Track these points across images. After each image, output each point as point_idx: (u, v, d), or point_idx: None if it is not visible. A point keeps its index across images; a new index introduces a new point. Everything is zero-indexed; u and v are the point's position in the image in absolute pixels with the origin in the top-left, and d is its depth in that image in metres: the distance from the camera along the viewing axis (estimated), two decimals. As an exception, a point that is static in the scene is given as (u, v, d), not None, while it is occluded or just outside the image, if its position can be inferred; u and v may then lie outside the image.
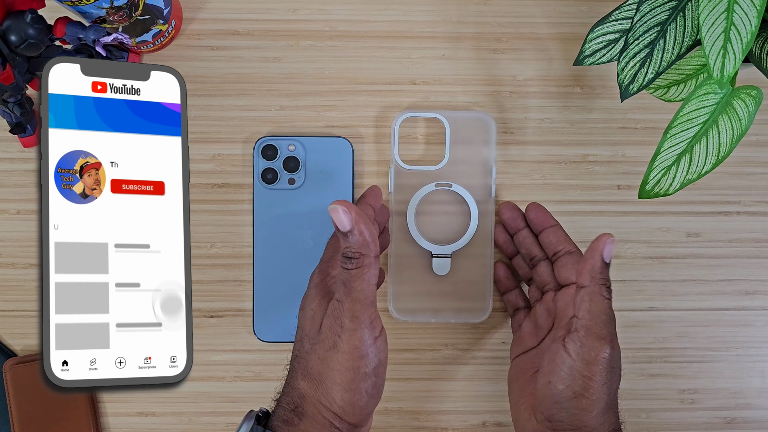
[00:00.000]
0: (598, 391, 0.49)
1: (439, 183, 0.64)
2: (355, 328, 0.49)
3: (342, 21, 0.70)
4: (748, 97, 0.51)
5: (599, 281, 0.51)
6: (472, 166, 0.65)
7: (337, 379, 0.50)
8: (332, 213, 0.50)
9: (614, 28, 0.57)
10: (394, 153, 0.64)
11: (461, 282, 0.66)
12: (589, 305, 0.50)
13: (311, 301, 0.53)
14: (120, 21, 0.60)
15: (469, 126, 0.65)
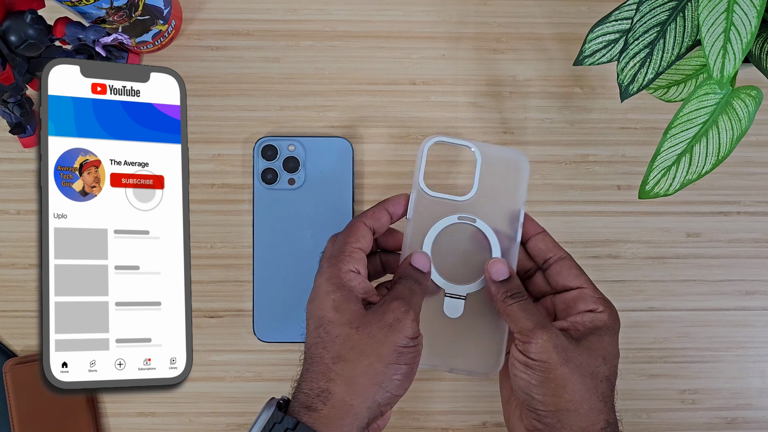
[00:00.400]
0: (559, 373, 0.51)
1: (463, 216, 0.58)
2: (414, 319, 0.52)
3: (342, 21, 0.70)
4: (748, 98, 0.51)
5: (500, 298, 0.55)
6: (500, 205, 0.59)
7: (385, 357, 0.50)
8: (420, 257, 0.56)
9: (614, 28, 0.57)
10: (418, 178, 0.58)
11: (472, 329, 0.58)
12: (508, 318, 0.54)
13: (330, 294, 0.53)
14: (120, 21, 0.60)
15: (502, 163, 0.59)
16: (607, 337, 0.54)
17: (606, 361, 0.53)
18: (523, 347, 0.52)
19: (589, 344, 0.53)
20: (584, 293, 0.55)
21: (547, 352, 0.51)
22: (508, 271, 0.56)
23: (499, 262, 0.56)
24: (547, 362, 0.51)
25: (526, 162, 0.59)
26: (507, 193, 0.59)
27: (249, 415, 0.69)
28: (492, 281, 0.56)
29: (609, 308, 0.55)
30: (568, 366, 0.51)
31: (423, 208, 0.58)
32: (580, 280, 0.56)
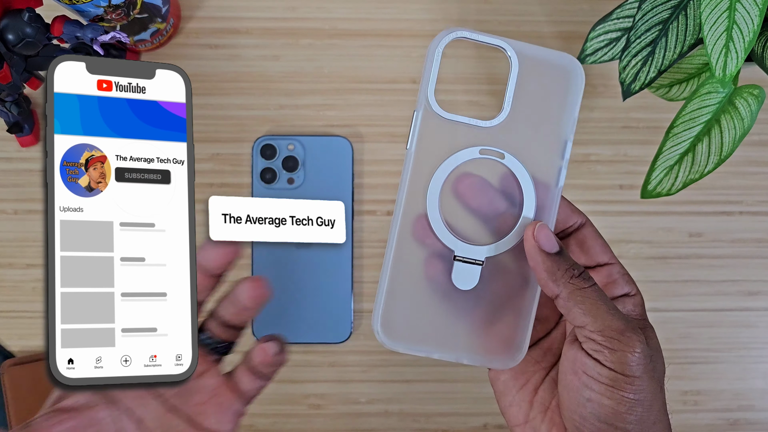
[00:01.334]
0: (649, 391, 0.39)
1: (487, 149, 0.42)
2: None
3: (341, 19, 0.70)
4: (750, 96, 0.51)
5: (564, 278, 0.40)
6: (540, 135, 0.43)
7: None
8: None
9: (616, 26, 0.57)
10: (427, 90, 0.42)
11: (491, 304, 0.43)
12: (581, 308, 0.40)
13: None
14: (118, 19, 0.60)
15: (545, 73, 0.43)
16: (653, 328, 0.43)
17: (664, 361, 0.42)
18: (605, 355, 0.38)
19: (653, 344, 0.41)
20: (613, 271, 0.44)
21: (641, 363, 0.38)
22: (556, 239, 0.41)
23: (545, 227, 0.41)
24: (637, 377, 0.38)
25: (581, 71, 0.44)
26: (551, 118, 0.43)
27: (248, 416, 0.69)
28: (541, 253, 0.40)
29: (637, 287, 0.45)
30: (654, 379, 0.39)
31: (431, 135, 0.42)
32: (607, 252, 0.45)
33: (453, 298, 0.43)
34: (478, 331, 0.43)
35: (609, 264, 0.44)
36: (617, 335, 0.38)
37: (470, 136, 0.42)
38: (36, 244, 0.69)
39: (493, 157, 0.42)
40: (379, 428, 0.70)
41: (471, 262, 0.42)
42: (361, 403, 0.70)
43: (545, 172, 0.43)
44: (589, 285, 0.40)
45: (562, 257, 0.40)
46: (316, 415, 0.70)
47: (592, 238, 0.45)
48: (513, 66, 0.43)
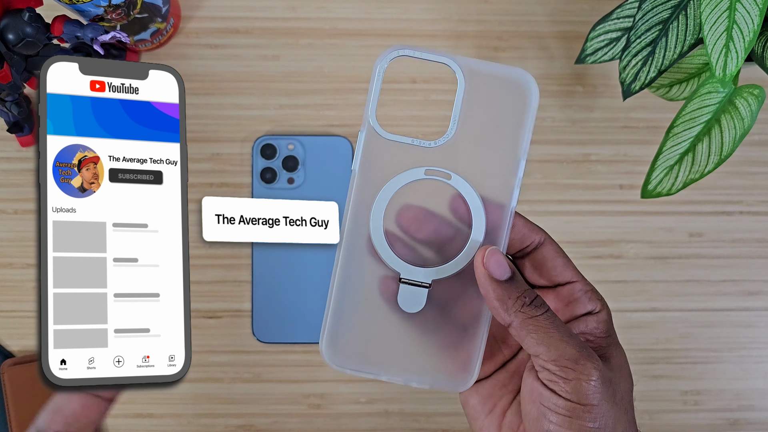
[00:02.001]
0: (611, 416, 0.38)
1: (432, 169, 0.41)
2: None
3: (341, 19, 0.70)
4: (750, 96, 0.51)
5: (515, 307, 0.38)
6: (490, 154, 0.41)
7: None
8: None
9: (616, 26, 0.57)
10: (369, 110, 0.42)
11: (440, 327, 0.42)
12: (533, 338, 0.38)
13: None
14: (118, 19, 0.60)
15: (495, 89, 0.41)
16: (619, 343, 0.42)
17: (630, 377, 0.41)
18: (560, 386, 0.37)
19: (617, 362, 0.40)
20: (575, 289, 0.42)
21: (598, 391, 0.37)
22: (507, 264, 0.39)
23: (496, 252, 0.39)
24: (596, 405, 0.37)
25: (535, 87, 0.41)
26: (501, 136, 0.41)
27: (247, 416, 0.69)
28: (491, 281, 0.39)
29: (602, 302, 0.42)
30: (616, 403, 0.38)
31: (375, 157, 0.41)
32: (569, 270, 0.42)
33: (400, 321, 0.41)
34: (427, 354, 0.42)
35: (570, 282, 0.42)
36: (571, 364, 0.37)
37: (416, 156, 0.41)
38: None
39: (439, 178, 0.41)
40: (380, 428, 0.70)
41: (417, 285, 0.41)
42: (361, 403, 0.70)
43: (497, 192, 0.41)
44: (541, 312, 0.38)
45: (513, 284, 0.39)
46: (316, 415, 0.70)
47: (551, 258, 0.42)
48: (459, 83, 0.41)
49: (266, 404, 0.69)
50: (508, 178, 0.41)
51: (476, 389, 0.43)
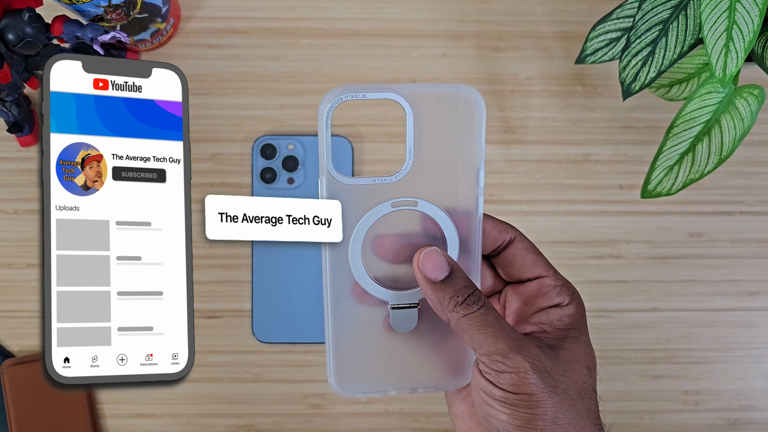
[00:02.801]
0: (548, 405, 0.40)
1: (398, 201, 0.42)
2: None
3: (341, 19, 0.70)
4: (750, 96, 0.51)
5: (449, 307, 0.40)
6: (449, 171, 0.43)
7: None
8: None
9: (616, 26, 0.57)
10: (324, 159, 0.42)
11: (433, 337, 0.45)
12: (467, 336, 0.40)
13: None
14: (118, 19, 0.60)
15: (441, 109, 0.42)
16: (583, 336, 0.43)
17: (591, 371, 0.43)
18: (495, 377, 0.39)
19: (570, 354, 0.42)
20: (544, 283, 0.44)
21: (532, 381, 0.39)
22: (446, 264, 0.41)
23: (432, 254, 0.41)
24: (533, 395, 0.39)
25: (478, 98, 0.42)
26: (456, 151, 0.43)
27: (248, 416, 0.69)
28: (428, 283, 0.41)
29: (573, 296, 0.43)
30: (558, 393, 0.40)
31: (342, 202, 0.42)
32: (538, 266, 0.44)
33: (397, 340, 0.44)
34: (427, 362, 0.45)
35: (540, 277, 0.44)
36: (501, 358, 0.39)
37: (380, 192, 0.42)
38: (36, 243, 0.69)
39: (406, 207, 0.42)
40: (380, 428, 0.70)
41: (407, 307, 0.43)
42: (361, 403, 0.70)
43: (463, 204, 0.43)
44: (474, 309, 0.40)
45: (448, 284, 0.40)
46: (316, 415, 0.70)
47: (521, 255, 0.44)
48: (408, 113, 0.42)
49: (266, 404, 0.69)
50: (471, 188, 0.43)
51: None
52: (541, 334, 0.43)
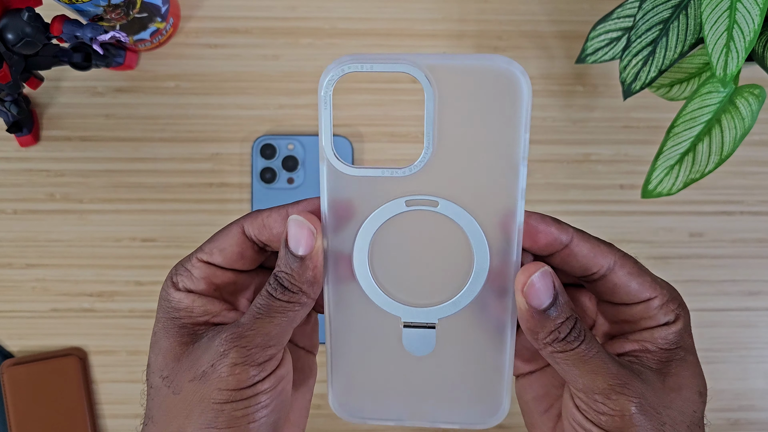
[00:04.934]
0: None
1: (414, 199, 0.34)
2: (243, 362, 0.33)
3: (341, 19, 0.70)
4: (751, 96, 0.51)
5: (546, 340, 0.34)
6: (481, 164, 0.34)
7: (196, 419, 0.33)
8: (294, 225, 0.34)
9: (616, 26, 0.57)
10: (323, 141, 0.35)
11: (457, 364, 0.37)
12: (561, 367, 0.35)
13: (155, 324, 0.37)
14: (117, 19, 0.60)
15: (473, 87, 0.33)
16: (690, 357, 0.37)
17: (702, 396, 0.37)
18: (595, 417, 0.34)
19: (678, 380, 0.36)
20: (651, 306, 0.37)
21: (636, 425, 0.33)
22: (553, 287, 0.34)
23: (541, 277, 0.34)
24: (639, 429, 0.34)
25: (521, 73, 0.34)
26: (490, 140, 0.33)
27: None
28: (529, 311, 0.34)
29: (681, 309, 0.37)
30: (665, 430, 0.34)
31: (343, 196, 0.35)
32: (644, 288, 0.37)
33: (411, 365, 0.37)
34: (450, 392, 0.37)
35: (647, 300, 0.37)
36: (602, 399, 0.34)
37: (392, 186, 0.34)
38: (36, 243, 0.69)
39: (424, 207, 0.34)
40: (379, 428, 0.70)
41: (422, 326, 0.36)
42: (361, 404, 0.70)
43: (497, 209, 0.34)
44: (574, 347, 0.34)
45: (548, 315, 0.34)
46: (316, 415, 0.69)
47: (624, 283, 0.36)
48: (426, 91, 0.34)
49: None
50: (508, 189, 0.34)
51: (529, 384, 0.40)
52: (642, 353, 0.36)
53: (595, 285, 0.37)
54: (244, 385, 0.33)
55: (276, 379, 0.35)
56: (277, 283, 0.34)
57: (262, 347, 0.34)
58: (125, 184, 0.69)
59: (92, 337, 0.69)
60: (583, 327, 0.34)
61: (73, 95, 0.69)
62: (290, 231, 0.34)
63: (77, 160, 0.69)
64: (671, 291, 0.38)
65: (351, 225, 0.35)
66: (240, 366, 0.33)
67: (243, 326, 0.34)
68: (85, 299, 0.69)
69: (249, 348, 0.33)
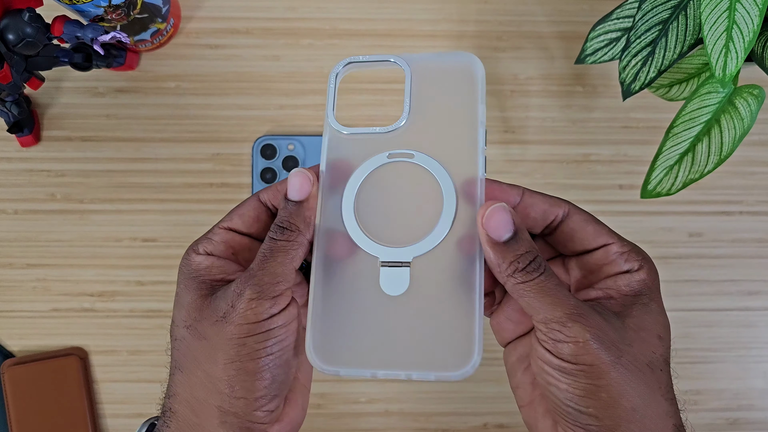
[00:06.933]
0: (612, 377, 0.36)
1: (395, 152, 0.41)
2: (258, 297, 0.38)
3: (341, 19, 0.70)
4: (750, 96, 0.51)
5: (507, 272, 0.37)
6: (448, 130, 0.42)
7: (220, 358, 0.38)
8: (293, 176, 0.40)
9: (616, 26, 0.57)
10: (328, 113, 0.44)
11: (428, 309, 0.39)
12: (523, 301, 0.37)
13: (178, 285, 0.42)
14: (118, 19, 0.60)
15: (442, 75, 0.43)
16: (653, 304, 0.39)
17: (662, 340, 0.40)
18: (553, 347, 0.37)
19: (638, 322, 0.38)
20: (610, 251, 0.40)
21: (592, 352, 0.36)
22: (512, 223, 0.37)
23: (499, 211, 0.37)
24: (594, 366, 0.36)
25: (479, 64, 0.42)
26: (455, 109, 0.42)
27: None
28: (491, 243, 0.37)
29: (644, 260, 0.40)
30: (622, 364, 0.37)
31: (338, 153, 0.42)
32: (601, 234, 0.41)
33: (387, 309, 0.39)
34: (423, 341, 0.39)
35: (605, 245, 0.40)
36: (559, 327, 0.36)
37: (378, 144, 0.42)
38: (37, 243, 0.69)
39: (402, 159, 0.41)
40: (379, 428, 0.70)
41: (398, 265, 0.39)
42: (361, 403, 0.70)
43: (462, 163, 0.40)
44: (534, 277, 0.37)
45: (510, 246, 0.37)
46: (316, 414, 0.70)
47: (580, 227, 0.41)
48: (406, 72, 0.43)
49: (266, 404, 0.69)
50: (471, 146, 0.40)
51: (513, 348, 0.43)
52: (606, 300, 0.39)
53: (555, 236, 0.42)
54: (262, 317, 0.37)
55: (288, 316, 0.39)
56: (277, 227, 0.39)
57: (272, 284, 0.38)
58: (126, 184, 0.69)
59: (93, 336, 0.69)
60: (543, 262, 0.37)
61: (74, 95, 0.69)
62: (290, 180, 0.40)
63: (78, 161, 0.69)
64: (633, 245, 0.41)
65: (342, 177, 0.41)
66: (256, 300, 0.37)
67: (253, 269, 0.38)
68: (86, 299, 0.69)
69: (261, 285, 0.38)
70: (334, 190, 0.41)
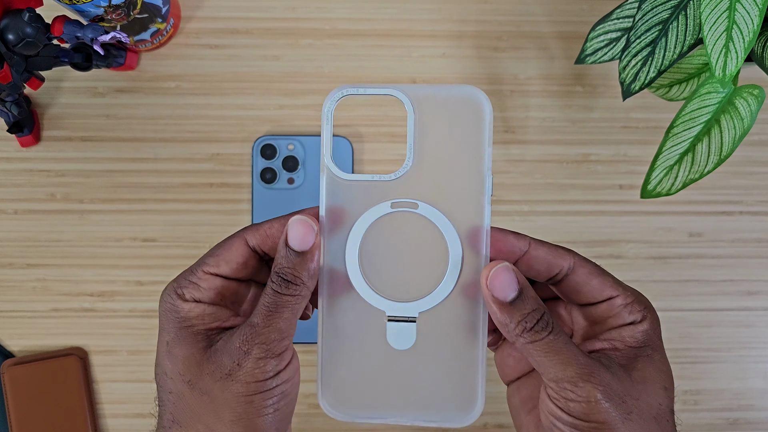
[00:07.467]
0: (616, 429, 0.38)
1: (398, 201, 0.40)
2: (265, 356, 0.38)
3: (341, 19, 0.70)
4: (750, 96, 0.51)
5: (516, 331, 0.38)
6: (452, 176, 0.40)
7: (226, 415, 0.38)
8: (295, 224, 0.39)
9: (616, 26, 0.57)
10: (324, 154, 0.40)
11: (434, 360, 0.41)
12: (533, 360, 0.38)
13: (163, 333, 0.41)
14: (118, 19, 0.60)
15: (447, 111, 0.40)
16: (657, 354, 0.40)
17: (667, 390, 0.41)
18: (565, 405, 0.37)
19: (643, 375, 0.39)
20: (614, 304, 0.40)
21: (603, 410, 0.37)
22: (517, 282, 0.38)
23: (503, 271, 0.38)
24: (605, 422, 0.37)
25: (486, 103, 0.40)
26: (460, 154, 0.40)
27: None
28: (496, 302, 0.38)
29: (647, 310, 0.41)
30: (632, 420, 0.38)
31: (339, 199, 0.41)
32: (605, 287, 0.41)
33: (394, 360, 0.40)
34: (429, 389, 0.41)
35: (610, 299, 0.41)
36: (570, 386, 0.37)
37: (380, 191, 0.40)
38: (36, 243, 0.69)
39: (406, 209, 0.40)
40: (379, 428, 0.70)
41: (404, 320, 0.40)
42: (361, 403, 0.70)
43: (468, 213, 0.40)
44: (542, 337, 0.37)
45: (515, 307, 0.38)
46: (316, 414, 0.70)
47: (585, 281, 0.41)
48: (408, 112, 0.40)
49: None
50: (476, 196, 0.40)
51: (517, 389, 0.44)
52: (611, 351, 0.40)
53: (561, 287, 0.41)
54: (269, 375, 0.37)
55: (292, 370, 0.39)
56: (280, 279, 0.38)
57: (278, 341, 0.38)
58: (126, 184, 0.69)
59: (93, 336, 0.69)
60: (551, 320, 0.38)
61: (74, 95, 0.69)
62: (292, 229, 0.39)
63: (78, 161, 0.69)
64: (637, 294, 0.41)
65: (344, 226, 0.40)
66: (263, 359, 0.37)
67: (258, 325, 0.38)
68: (86, 299, 0.69)
69: (267, 343, 0.37)
70: (336, 239, 0.40)
